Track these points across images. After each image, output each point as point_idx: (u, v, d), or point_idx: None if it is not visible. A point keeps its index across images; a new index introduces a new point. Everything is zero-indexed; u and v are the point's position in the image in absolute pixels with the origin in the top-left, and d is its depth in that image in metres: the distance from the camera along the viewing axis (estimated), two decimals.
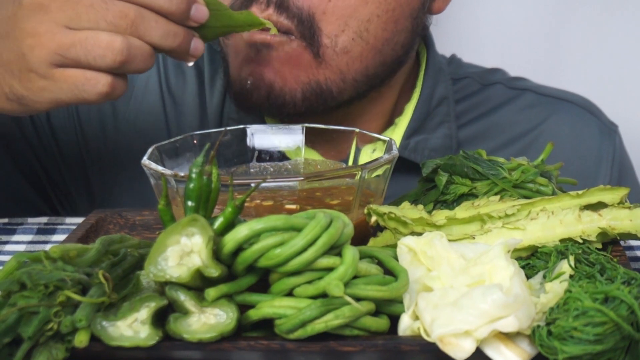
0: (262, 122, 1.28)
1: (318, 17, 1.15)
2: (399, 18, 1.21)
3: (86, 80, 0.93)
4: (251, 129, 1.09)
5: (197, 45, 1.01)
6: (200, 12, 0.99)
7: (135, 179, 1.28)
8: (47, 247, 1.06)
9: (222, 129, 1.11)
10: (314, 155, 1.18)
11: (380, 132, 1.32)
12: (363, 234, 0.95)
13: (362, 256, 0.79)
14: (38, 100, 0.97)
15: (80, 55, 0.92)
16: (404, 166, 1.24)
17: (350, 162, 1.06)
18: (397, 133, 1.31)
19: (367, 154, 1.04)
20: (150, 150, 0.97)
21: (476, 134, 1.36)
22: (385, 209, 0.91)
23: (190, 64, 1.04)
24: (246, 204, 0.89)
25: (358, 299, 0.73)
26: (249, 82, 1.19)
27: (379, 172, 0.94)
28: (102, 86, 0.94)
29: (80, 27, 0.93)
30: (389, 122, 1.33)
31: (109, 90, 0.94)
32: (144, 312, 0.73)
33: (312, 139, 1.11)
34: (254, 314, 0.74)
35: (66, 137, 1.34)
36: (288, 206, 0.94)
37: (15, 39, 0.95)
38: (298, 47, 1.16)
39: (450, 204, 1.00)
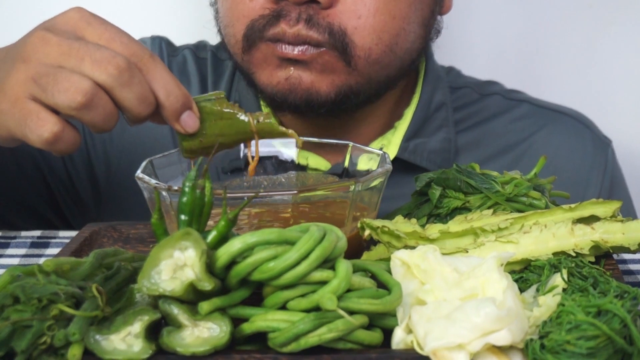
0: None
1: (350, 31, 1.19)
2: (415, 28, 1.26)
3: (37, 119, 0.91)
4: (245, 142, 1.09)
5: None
6: (191, 119, 0.94)
7: None
8: (41, 260, 1.06)
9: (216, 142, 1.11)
10: (319, 160, 1.19)
11: (380, 134, 1.35)
12: (356, 247, 0.95)
13: (356, 270, 0.79)
14: None
15: (49, 84, 0.90)
16: (403, 168, 1.29)
17: (345, 173, 1.06)
18: (397, 136, 1.35)
19: (364, 162, 1.05)
20: (144, 163, 0.97)
21: (473, 140, 1.40)
22: (378, 222, 0.92)
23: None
24: (239, 218, 0.90)
25: (351, 313, 0.73)
26: (286, 84, 1.21)
27: (373, 185, 0.94)
28: (46, 131, 0.90)
29: (68, 66, 0.91)
30: (389, 126, 1.36)
31: (50, 137, 0.90)
32: (137, 326, 0.73)
33: (306, 149, 1.12)
34: (247, 328, 0.74)
35: None
36: (282, 214, 0.94)
37: (12, 60, 0.95)
38: (330, 58, 1.19)
39: (444, 218, 1.00)
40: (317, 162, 1.24)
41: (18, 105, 0.92)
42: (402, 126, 1.35)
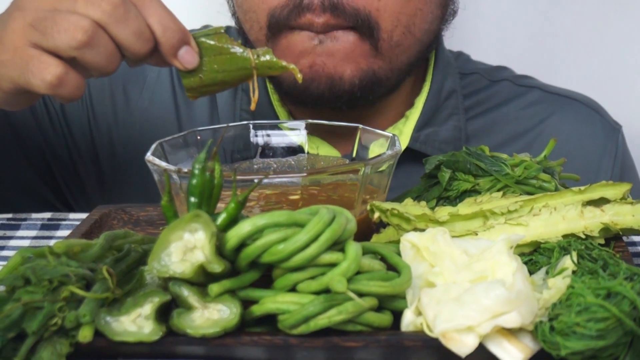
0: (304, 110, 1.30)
1: (374, 14, 1.19)
2: (433, 9, 1.26)
3: (38, 63, 0.91)
4: (255, 125, 1.09)
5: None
6: (189, 54, 0.95)
7: (147, 168, 1.30)
8: (51, 242, 1.06)
9: (225, 125, 1.11)
10: (326, 147, 1.18)
11: (392, 124, 1.35)
12: (366, 230, 0.95)
13: (365, 252, 0.79)
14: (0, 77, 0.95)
15: (48, 27, 0.90)
16: (415, 157, 1.28)
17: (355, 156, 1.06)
18: (408, 126, 1.34)
19: (375, 151, 1.05)
20: (153, 146, 0.98)
21: (483, 127, 1.39)
22: (388, 205, 0.92)
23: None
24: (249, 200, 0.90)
25: (361, 295, 0.73)
26: (309, 72, 1.19)
27: (382, 168, 0.94)
28: (49, 74, 0.90)
29: (63, 7, 0.91)
30: (400, 115, 1.36)
31: (55, 81, 0.90)
32: (148, 308, 0.74)
33: (316, 135, 1.11)
34: (257, 310, 0.74)
35: (80, 126, 1.35)
36: (292, 197, 0.94)
37: (8, 12, 0.96)
38: (357, 39, 1.19)
39: (453, 200, 1.00)
40: (328, 151, 1.24)
41: (18, 54, 0.92)
42: (414, 115, 1.34)
